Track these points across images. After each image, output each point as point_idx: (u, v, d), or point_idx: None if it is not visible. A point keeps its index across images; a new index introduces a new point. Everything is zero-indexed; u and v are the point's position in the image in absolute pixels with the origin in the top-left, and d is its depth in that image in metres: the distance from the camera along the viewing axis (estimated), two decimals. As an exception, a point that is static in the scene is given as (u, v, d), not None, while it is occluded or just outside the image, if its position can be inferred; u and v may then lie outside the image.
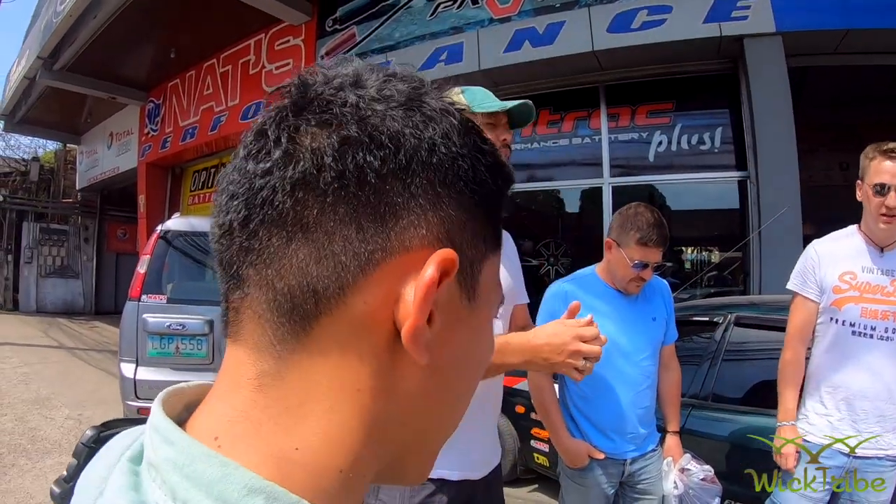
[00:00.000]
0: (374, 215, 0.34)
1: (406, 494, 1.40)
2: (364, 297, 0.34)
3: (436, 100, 0.38)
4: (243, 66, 9.69)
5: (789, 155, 4.91)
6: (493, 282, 0.42)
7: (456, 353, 0.38)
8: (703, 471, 2.16)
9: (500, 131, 1.46)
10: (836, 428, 2.02)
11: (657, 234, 1.97)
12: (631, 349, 2.06)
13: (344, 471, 0.34)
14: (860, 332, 2.00)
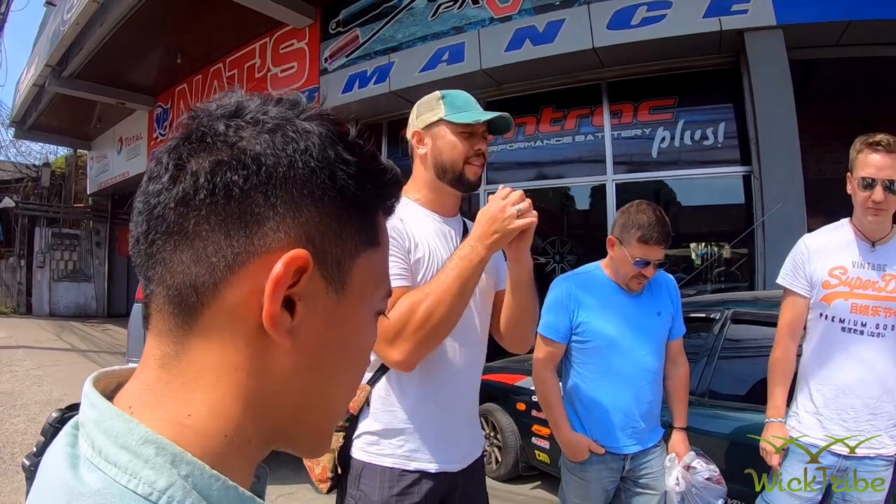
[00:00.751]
0: (240, 224, 0.41)
1: (385, 484, 1.44)
2: (234, 291, 0.41)
3: (304, 120, 0.44)
4: (249, 69, 9.77)
5: (792, 149, 4.89)
6: (373, 275, 0.48)
7: (326, 338, 0.45)
8: (709, 470, 2.14)
9: (474, 141, 1.50)
10: (826, 427, 1.98)
11: (658, 232, 1.98)
12: (634, 344, 2.07)
13: (228, 436, 0.41)
14: (850, 329, 1.96)
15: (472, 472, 1.60)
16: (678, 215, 6.77)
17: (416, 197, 1.56)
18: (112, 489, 0.36)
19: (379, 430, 1.48)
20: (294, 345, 0.43)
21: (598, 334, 2.06)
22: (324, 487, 1.55)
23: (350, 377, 0.50)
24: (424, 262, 1.47)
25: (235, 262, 0.41)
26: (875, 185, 1.88)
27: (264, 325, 0.41)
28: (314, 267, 0.43)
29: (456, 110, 1.49)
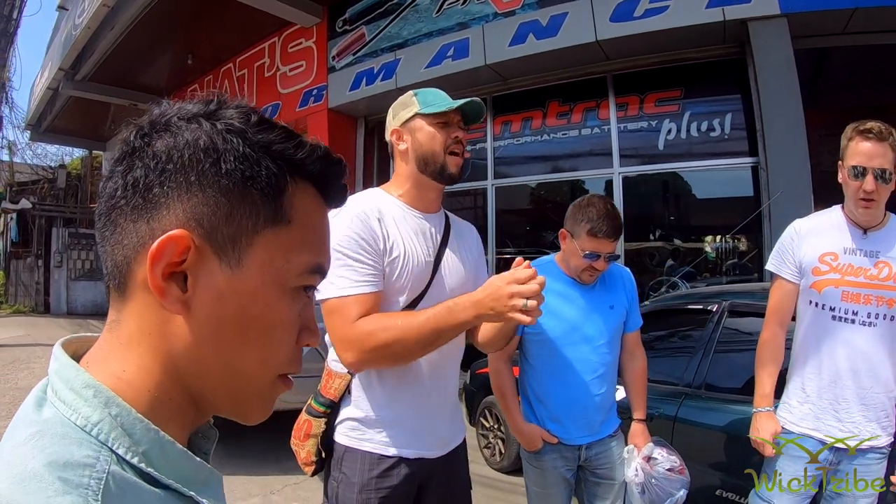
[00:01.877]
0: (143, 211, 0.49)
1: (365, 467, 1.50)
2: (142, 268, 0.48)
3: (207, 116, 0.50)
4: (259, 69, 9.89)
5: (798, 139, 4.85)
6: (282, 251, 0.52)
7: (222, 309, 0.50)
8: (669, 461, 2.13)
9: (451, 129, 1.54)
10: (817, 417, 1.93)
11: (607, 226, 1.96)
12: (585, 337, 2.07)
13: (151, 391, 0.49)
14: (841, 317, 1.90)
15: (452, 459, 1.64)
16: (688, 208, 6.76)
17: (398, 194, 1.60)
18: (57, 420, 0.45)
19: (359, 417, 1.53)
20: (191, 314, 0.49)
21: (548, 327, 2.07)
22: (308, 470, 1.61)
23: (257, 350, 0.52)
24: (401, 262, 1.50)
25: (140, 244, 0.48)
26: (866, 174, 1.82)
27: (156, 296, 0.48)
28: (204, 244, 0.48)
29: (428, 104, 1.55)
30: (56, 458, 0.41)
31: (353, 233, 1.45)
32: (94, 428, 0.44)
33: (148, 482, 0.45)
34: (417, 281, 1.51)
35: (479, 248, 1.81)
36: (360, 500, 1.48)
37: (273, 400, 0.56)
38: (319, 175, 0.54)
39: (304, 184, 0.54)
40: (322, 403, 1.59)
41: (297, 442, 1.62)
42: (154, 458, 0.46)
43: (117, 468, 0.43)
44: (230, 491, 3.81)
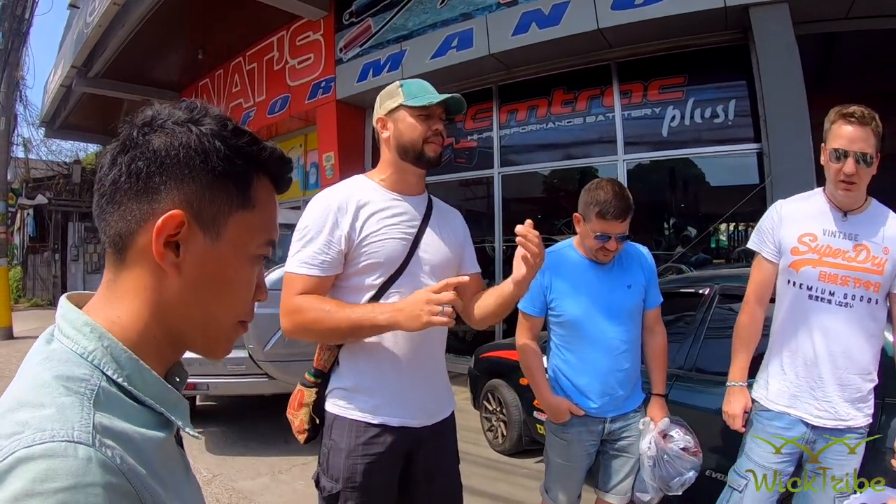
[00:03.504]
0: (145, 194, 0.63)
1: (353, 434, 1.60)
2: (142, 238, 0.63)
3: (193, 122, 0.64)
4: (268, 62, 9.99)
5: (801, 125, 4.81)
6: (247, 229, 0.68)
7: (204, 270, 0.65)
8: (685, 441, 2.19)
9: (432, 122, 1.65)
10: (794, 395, 1.97)
11: (615, 207, 2.04)
12: (605, 317, 2.16)
13: (140, 332, 0.64)
14: (818, 297, 1.93)
15: (440, 430, 1.74)
16: (693, 195, 6.77)
17: (381, 178, 1.71)
18: (61, 349, 0.60)
19: (347, 387, 1.65)
20: (181, 274, 0.64)
21: (569, 310, 2.17)
22: (302, 438, 1.73)
23: (228, 302, 0.69)
24: (374, 242, 1.60)
25: (142, 219, 0.63)
26: (847, 157, 1.84)
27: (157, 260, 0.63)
28: (192, 222, 0.63)
29: (413, 96, 1.65)
30: (61, 373, 0.56)
31: (317, 219, 1.59)
32: (89, 355, 0.59)
33: (129, 398, 0.60)
34: (392, 258, 1.62)
35: (464, 232, 1.89)
36: (347, 465, 1.59)
37: (233, 341, 0.74)
38: (275, 171, 0.72)
39: (264, 178, 0.70)
40: (314, 374, 1.71)
41: (291, 412, 1.74)
42: (135, 380, 0.61)
43: (106, 385, 0.58)
44: (240, 470, 3.96)
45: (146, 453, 0.57)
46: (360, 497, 1.58)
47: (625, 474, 2.21)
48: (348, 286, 1.63)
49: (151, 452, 0.58)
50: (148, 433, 0.59)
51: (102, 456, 0.51)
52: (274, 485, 3.75)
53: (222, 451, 4.39)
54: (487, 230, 7.41)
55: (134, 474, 0.54)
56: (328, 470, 1.62)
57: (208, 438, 4.67)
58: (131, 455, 0.54)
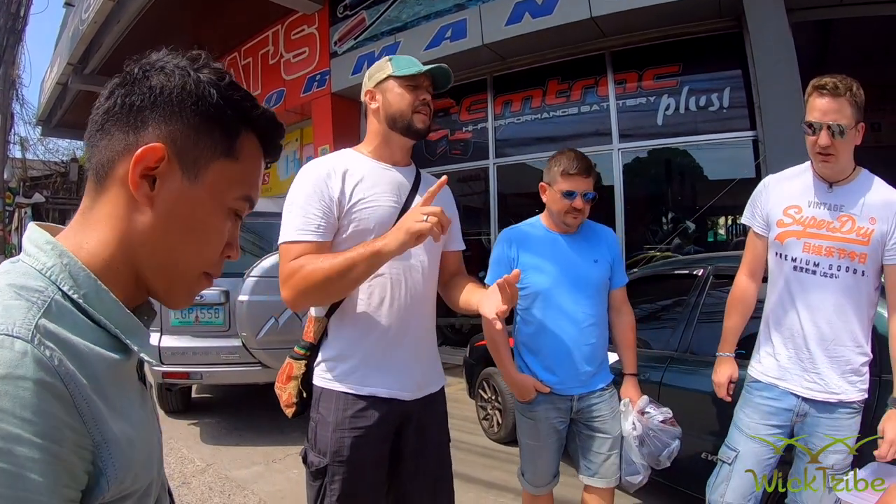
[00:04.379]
0: (134, 126, 0.65)
1: (340, 407, 1.59)
2: (123, 166, 0.64)
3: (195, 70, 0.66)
4: (263, 57, 9.98)
5: (796, 113, 4.75)
6: (226, 179, 0.69)
7: (176, 208, 0.66)
8: (661, 413, 2.22)
9: (419, 92, 1.67)
10: (784, 368, 1.96)
11: (578, 164, 2.12)
12: (570, 290, 2.16)
13: (105, 259, 0.64)
14: (802, 268, 1.93)
15: (430, 404, 1.73)
16: (689, 183, 6.75)
17: (368, 150, 1.72)
18: (22, 265, 0.61)
19: (335, 357, 1.64)
20: (153, 208, 0.65)
21: (534, 282, 2.17)
22: (290, 412, 1.72)
23: (195, 247, 0.69)
24: (365, 209, 1.61)
25: (125, 150, 0.64)
26: (820, 130, 1.83)
27: (131, 188, 0.63)
28: (172, 158, 0.65)
29: (401, 67, 1.67)
30: (15, 282, 0.58)
31: (308, 188, 1.58)
32: (47, 270, 0.60)
33: (85, 316, 0.60)
34: (382, 224, 1.61)
35: (451, 205, 1.88)
36: (335, 438, 1.57)
37: (195, 292, 0.73)
38: (264, 131, 0.72)
39: (252, 135, 0.71)
40: (303, 347, 1.70)
41: (279, 385, 1.74)
42: (91, 299, 0.61)
43: (60, 299, 0.59)
44: (234, 459, 3.97)
45: (92, 368, 0.57)
46: (347, 471, 1.57)
47: (605, 456, 2.19)
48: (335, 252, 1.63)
49: (99, 369, 0.58)
50: (98, 350, 0.59)
51: (39, 353, 0.51)
52: (268, 473, 3.76)
53: (216, 440, 4.39)
54: (483, 222, 7.41)
55: (72, 380, 0.53)
56: (315, 444, 1.61)
57: (202, 428, 4.67)
58: (74, 364, 0.54)
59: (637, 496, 3.30)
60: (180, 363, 4.15)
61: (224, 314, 4.21)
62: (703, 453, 2.69)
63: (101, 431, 0.55)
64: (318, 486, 1.59)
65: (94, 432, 0.54)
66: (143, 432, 0.63)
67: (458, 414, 4.89)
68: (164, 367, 4.10)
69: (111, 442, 0.56)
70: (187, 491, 3.47)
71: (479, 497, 3.43)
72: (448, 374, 1.80)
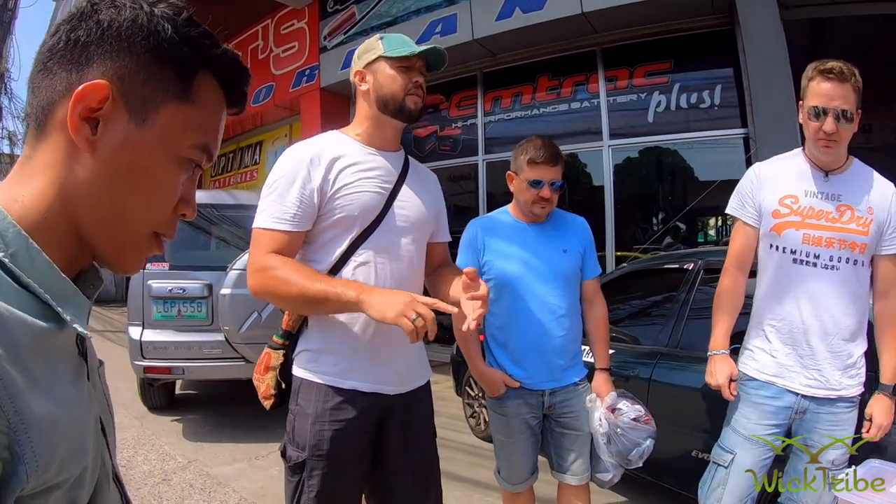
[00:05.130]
0: (78, 64, 0.58)
1: (320, 398, 1.52)
2: (63, 108, 0.57)
3: (150, 4, 0.60)
4: (252, 51, 9.88)
5: (787, 110, 4.74)
6: (181, 124, 0.62)
7: (121, 154, 0.59)
8: (634, 410, 2.12)
9: (412, 74, 1.59)
10: (782, 365, 1.88)
11: (545, 152, 2.06)
12: (538, 280, 2.10)
13: (41, 213, 0.57)
14: (802, 260, 1.85)
15: (414, 399, 1.66)
16: (679, 180, 6.72)
17: (356, 133, 1.65)
18: None
19: (315, 348, 1.57)
20: (95, 154, 0.58)
21: (501, 271, 2.11)
22: (268, 404, 1.65)
23: (141, 197, 0.61)
24: (349, 194, 1.54)
25: (66, 89, 0.57)
26: (826, 116, 1.77)
27: (69, 130, 0.56)
28: (118, 99, 0.58)
29: (393, 48, 1.59)
30: None
31: (288, 172, 1.52)
32: None
33: (11, 278, 0.53)
34: (367, 211, 1.55)
35: (440, 195, 1.83)
36: (314, 431, 1.51)
37: (144, 254, 0.65)
38: (227, 74, 0.65)
39: (212, 79, 0.64)
40: (282, 336, 1.64)
41: (257, 376, 1.66)
42: (20, 260, 0.54)
43: None
44: (216, 456, 3.90)
45: (12, 334, 0.49)
46: (327, 465, 1.50)
47: (577, 453, 2.13)
48: (319, 241, 1.56)
49: (20, 336, 0.50)
50: (23, 315, 0.51)
51: None
52: (250, 470, 3.69)
53: (199, 437, 4.31)
54: (472, 216, 7.35)
55: None
56: (294, 438, 1.54)
57: (185, 425, 4.58)
58: None
59: (624, 494, 3.27)
60: (162, 358, 4.07)
61: (207, 308, 4.14)
62: (693, 451, 2.63)
63: (17, 409, 0.47)
64: (297, 481, 1.53)
65: (8, 409, 0.47)
66: (71, 412, 0.55)
67: (445, 411, 4.85)
68: (146, 361, 4.03)
69: (30, 424, 0.48)
70: (167, 488, 3.39)
71: (465, 495, 3.39)
72: (435, 372, 1.74)
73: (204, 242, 4.73)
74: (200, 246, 4.69)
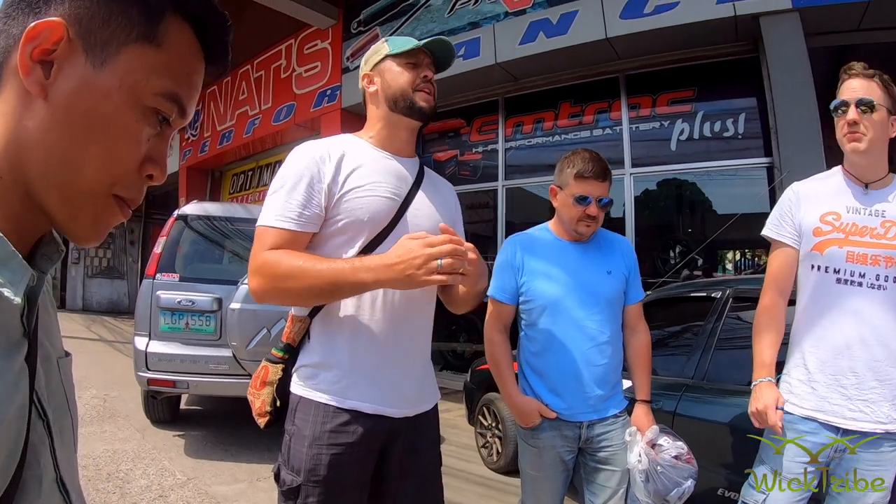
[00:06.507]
0: (35, 6, 0.53)
1: (319, 419, 1.41)
2: (17, 52, 0.52)
3: None
4: (275, 70, 10.01)
5: (813, 138, 4.66)
6: (145, 68, 0.56)
7: (76, 100, 0.53)
8: (675, 448, 1.98)
9: (420, 70, 1.53)
10: (822, 397, 1.73)
11: (594, 166, 1.93)
12: (581, 303, 1.96)
13: None
14: (846, 280, 1.73)
15: (420, 424, 1.54)
16: (701, 209, 6.57)
17: (369, 136, 1.57)
18: None
19: (316, 363, 1.45)
20: (48, 100, 0.52)
21: (541, 293, 1.98)
22: (262, 422, 1.52)
23: (98, 150, 0.54)
24: (359, 197, 1.45)
25: (22, 33, 0.52)
26: (848, 107, 1.72)
27: (20, 72, 0.51)
28: (77, 40, 0.53)
29: (398, 45, 1.54)
30: None
31: (297, 170, 1.43)
32: None
33: None
34: (378, 217, 1.46)
35: (457, 206, 1.74)
36: (310, 455, 1.39)
37: (105, 223, 0.58)
38: (200, 19, 0.59)
39: (184, 23, 0.58)
40: (281, 349, 1.52)
41: (252, 391, 1.55)
42: None
43: None
44: (216, 475, 3.78)
45: None
46: (323, 493, 1.38)
47: (612, 491, 1.96)
48: (326, 247, 1.46)
49: None
50: None
51: None
52: (250, 491, 3.56)
53: (201, 454, 4.20)
54: (490, 244, 7.26)
55: None
56: (289, 460, 1.42)
57: (188, 441, 4.48)
58: None
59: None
60: (167, 370, 3.99)
61: (216, 322, 4.06)
62: (719, 489, 2.48)
63: None
64: None
65: None
66: None
67: (456, 440, 4.71)
68: (150, 373, 3.95)
69: None
70: (164, 505, 3.28)
71: (473, 527, 3.23)
72: (448, 400, 1.63)
73: (216, 255, 4.68)
74: (212, 259, 4.64)
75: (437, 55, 1.57)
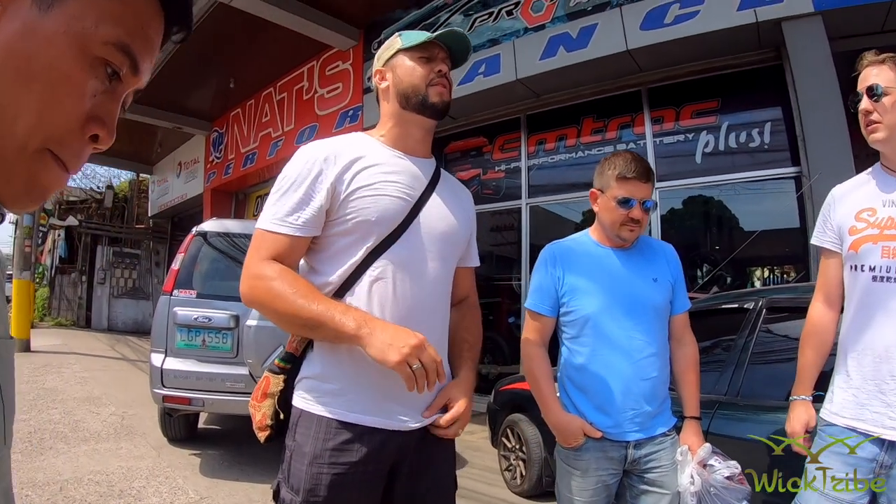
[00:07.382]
0: None
1: (321, 435, 1.32)
2: None
3: None
4: (297, 92, 10.14)
5: (842, 145, 4.50)
6: (96, 12, 0.52)
7: (18, 46, 0.49)
8: (728, 468, 1.83)
9: (435, 64, 1.47)
10: (861, 404, 1.62)
11: (636, 166, 1.83)
12: (627, 312, 1.83)
13: None
14: (882, 277, 1.63)
15: (432, 442, 1.44)
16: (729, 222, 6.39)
17: (381, 134, 1.50)
18: None
19: (319, 374, 1.37)
20: None
21: (583, 304, 1.86)
22: (262, 436, 1.44)
23: (35, 98, 0.50)
24: (367, 196, 1.38)
25: None
26: (860, 97, 1.68)
27: None
28: None
29: (411, 39, 1.48)
30: None
31: (299, 171, 1.37)
32: None
33: None
34: (387, 218, 1.38)
35: (473, 212, 1.65)
36: (311, 473, 1.30)
37: (41, 185, 0.53)
38: None
39: None
40: (284, 359, 1.43)
41: (254, 403, 1.46)
42: None
43: None
44: (230, 495, 3.70)
45: None
46: None
47: None
48: (331, 249, 1.39)
49: None
50: None
51: None
52: (265, 513, 3.47)
53: (216, 473, 4.12)
54: (514, 265, 7.14)
55: None
56: (289, 478, 1.33)
57: (204, 460, 4.41)
58: None
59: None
60: (182, 387, 3.93)
61: (233, 340, 4.01)
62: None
63: None
64: None
65: None
66: None
67: (479, 463, 4.58)
68: (166, 390, 3.90)
69: None
70: (176, 525, 3.20)
71: (495, 553, 3.08)
72: (471, 422, 1.52)
73: (234, 272, 4.65)
74: (230, 276, 4.61)
75: (452, 48, 1.50)
